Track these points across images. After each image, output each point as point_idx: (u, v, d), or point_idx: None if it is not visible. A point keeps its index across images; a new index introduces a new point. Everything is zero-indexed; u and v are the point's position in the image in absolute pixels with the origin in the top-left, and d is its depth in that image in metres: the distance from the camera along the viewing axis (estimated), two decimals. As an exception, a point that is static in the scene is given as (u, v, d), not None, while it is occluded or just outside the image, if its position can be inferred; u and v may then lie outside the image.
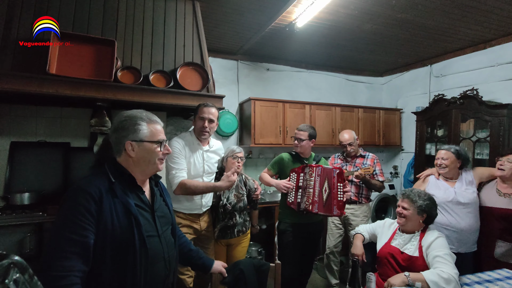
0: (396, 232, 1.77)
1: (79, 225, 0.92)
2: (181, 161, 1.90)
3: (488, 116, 2.94)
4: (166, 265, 1.12)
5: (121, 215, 1.00)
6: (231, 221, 2.15)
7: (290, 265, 2.18)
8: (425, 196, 1.72)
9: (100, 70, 1.97)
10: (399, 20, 2.73)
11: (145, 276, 1.02)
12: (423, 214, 1.67)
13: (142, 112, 1.13)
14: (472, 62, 3.45)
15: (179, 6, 2.42)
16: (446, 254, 1.50)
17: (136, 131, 1.08)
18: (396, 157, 4.56)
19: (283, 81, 4.11)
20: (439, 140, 3.51)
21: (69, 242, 0.91)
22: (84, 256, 0.92)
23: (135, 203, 1.06)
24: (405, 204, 1.71)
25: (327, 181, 2.07)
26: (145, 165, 1.10)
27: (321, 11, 2.52)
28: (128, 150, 1.07)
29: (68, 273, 0.88)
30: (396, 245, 1.71)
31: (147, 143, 1.09)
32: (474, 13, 2.59)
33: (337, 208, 2.06)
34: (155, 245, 1.07)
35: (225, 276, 1.41)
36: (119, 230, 0.98)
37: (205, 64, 2.38)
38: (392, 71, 4.56)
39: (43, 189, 2.52)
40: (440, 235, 1.63)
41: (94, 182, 1.01)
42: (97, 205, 0.96)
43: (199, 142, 2.02)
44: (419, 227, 1.69)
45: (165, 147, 1.14)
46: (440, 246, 1.56)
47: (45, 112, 2.60)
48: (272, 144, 3.56)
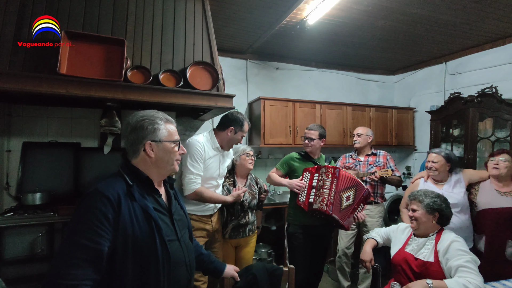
0: (411, 237, 1.68)
1: (94, 231, 0.88)
2: (200, 165, 1.88)
3: (508, 115, 2.83)
4: (187, 270, 1.09)
5: (141, 219, 0.97)
6: (244, 219, 2.15)
7: (301, 269, 2.12)
8: (433, 194, 1.65)
9: (110, 70, 1.95)
10: (414, 15, 2.64)
11: (168, 281, 0.99)
12: (435, 213, 1.59)
13: (158, 112, 1.11)
14: (490, 58, 3.32)
15: (189, 5, 2.39)
16: (468, 262, 1.39)
17: (156, 131, 1.06)
18: (409, 157, 4.44)
19: (293, 80, 4.05)
20: (455, 140, 3.40)
21: (82, 249, 0.86)
22: (97, 264, 0.88)
23: (154, 207, 1.02)
24: (414, 206, 1.65)
25: (355, 192, 2.03)
26: (163, 166, 1.09)
27: (333, 7, 2.46)
28: (148, 150, 1.04)
29: (77, 282, 0.84)
30: (410, 251, 1.62)
31: (166, 143, 1.07)
32: (493, 8, 2.48)
33: (349, 222, 2.05)
34: (176, 249, 1.05)
35: (237, 281, 1.36)
36: (139, 235, 0.95)
37: (215, 63, 2.34)
38: (405, 69, 4.45)
39: (54, 189, 2.53)
40: (456, 239, 1.52)
41: (113, 185, 0.97)
42: (115, 210, 0.92)
43: (218, 146, 2.02)
44: (433, 229, 1.61)
45: (181, 147, 1.14)
46: (458, 252, 1.45)
47: (56, 112, 2.61)
48: (282, 144, 3.51)
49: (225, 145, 2.04)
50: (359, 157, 2.80)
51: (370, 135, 2.80)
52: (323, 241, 2.28)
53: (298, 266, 2.10)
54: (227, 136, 2.01)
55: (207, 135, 2.04)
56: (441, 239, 1.55)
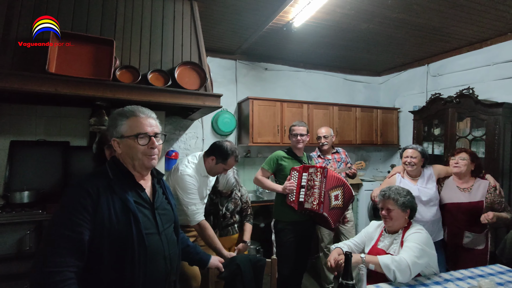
0: (382, 234, 1.75)
1: (74, 222, 0.93)
2: (196, 195, 1.87)
3: (484, 115, 2.97)
4: (166, 263, 1.11)
5: (119, 211, 1.01)
6: (231, 220, 2.20)
7: (288, 263, 2.21)
8: (404, 192, 1.71)
9: (99, 69, 1.99)
10: (395, 19, 2.76)
11: (144, 273, 1.02)
12: (407, 210, 1.67)
13: (129, 107, 1.12)
14: (468, 61, 3.48)
15: (177, 6, 2.44)
16: (413, 246, 1.51)
17: (117, 127, 1.08)
18: (393, 156, 4.58)
19: (281, 80, 4.14)
20: (436, 139, 3.54)
21: (64, 239, 0.92)
22: (79, 251, 0.93)
23: (134, 200, 1.06)
24: (389, 205, 1.68)
25: (344, 195, 2.11)
26: (131, 161, 1.09)
27: (318, 10, 2.55)
28: (115, 147, 1.09)
29: (62, 269, 0.89)
30: (382, 247, 1.69)
31: (126, 139, 1.07)
32: (469, 13, 2.61)
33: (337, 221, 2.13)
34: (154, 242, 1.07)
35: (222, 271, 1.43)
36: (116, 227, 0.98)
37: (203, 64, 2.40)
38: (390, 71, 4.59)
39: (42, 187, 2.54)
40: (418, 230, 1.62)
41: (92, 179, 1.02)
42: (94, 202, 0.97)
43: (206, 174, 1.99)
44: (404, 224, 1.69)
45: (150, 141, 1.08)
46: (413, 238, 1.57)
47: (44, 111, 2.62)
48: (270, 143, 3.58)
49: (209, 172, 2.00)
50: (327, 156, 2.92)
51: (333, 134, 2.99)
52: (308, 236, 2.36)
53: (285, 260, 2.20)
54: (209, 164, 1.95)
55: (196, 163, 1.97)
56: (408, 232, 1.64)
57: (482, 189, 2.10)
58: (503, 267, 1.73)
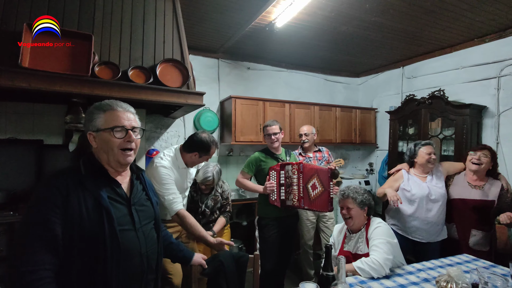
0: (346, 236, 1.81)
1: (46, 218, 0.92)
2: (173, 186, 1.83)
3: (453, 115, 3.16)
4: (143, 261, 1.07)
5: (90, 208, 0.98)
6: (212, 217, 2.20)
7: (272, 258, 2.25)
8: (361, 190, 1.79)
9: (77, 64, 1.92)
10: (373, 23, 2.87)
11: (117, 271, 0.99)
12: (365, 208, 1.75)
13: (107, 101, 1.10)
14: (439, 64, 3.68)
15: (159, 2, 2.40)
16: (380, 243, 1.57)
17: (93, 121, 1.07)
18: (371, 154, 4.76)
19: (264, 80, 4.18)
20: (410, 138, 3.71)
21: (36, 237, 0.90)
22: (53, 249, 0.91)
23: (109, 196, 1.04)
24: (348, 204, 1.74)
25: (320, 180, 2.07)
26: (106, 155, 1.07)
27: (300, 12, 2.60)
28: (90, 140, 1.08)
29: (37, 267, 0.88)
30: (347, 249, 1.75)
31: (102, 132, 1.05)
32: (440, 19, 2.77)
33: (331, 204, 2.10)
34: (129, 238, 1.04)
35: (205, 268, 1.43)
36: (87, 223, 0.96)
37: (185, 61, 2.38)
38: (368, 72, 4.76)
39: (14, 188, 2.42)
40: (379, 224, 1.69)
41: (62, 176, 1.00)
42: (64, 198, 0.95)
43: (184, 165, 1.97)
44: (364, 221, 1.75)
45: (127, 134, 1.06)
46: (377, 234, 1.63)
47: (15, 108, 2.50)
48: (252, 141, 3.61)
49: (189, 165, 2.00)
50: (308, 154, 2.98)
51: (315, 132, 3.01)
52: (291, 230, 2.42)
53: (268, 256, 2.24)
54: (191, 159, 1.95)
55: (172, 156, 1.94)
56: (370, 227, 1.71)
57: (495, 189, 2.05)
58: (469, 257, 1.86)
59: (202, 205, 2.20)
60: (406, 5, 2.51)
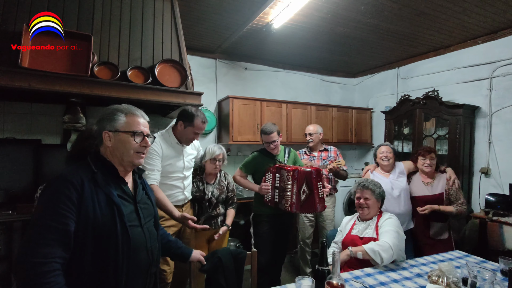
0: (355, 224, 1.94)
1: (60, 213, 0.94)
2: (155, 161, 1.88)
3: (447, 115, 3.22)
4: (148, 255, 1.14)
5: (103, 204, 1.02)
6: (215, 211, 2.24)
7: (265, 253, 2.29)
8: (377, 184, 1.95)
9: (76, 65, 1.94)
10: (368, 24, 2.92)
11: (127, 264, 1.04)
12: (380, 200, 1.91)
13: (126, 106, 1.17)
14: (433, 65, 3.74)
15: (157, 3, 2.43)
16: (390, 230, 1.72)
17: (113, 121, 1.11)
18: (367, 153, 4.82)
19: (261, 80, 4.21)
20: (405, 138, 3.78)
21: (50, 230, 0.92)
22: (65, 243, 0.94)
23: (118, 194, 1.08)
24: (367, 195, 1.89)
25: (306, 183, 2.09)
26: (120, 156, 1.12)
27: (296, 13, 2.64)
28: (105, 139, 1.11)
29: (48, 260, 0.90)
30: (356, 233, 1.87)
31: (121, 133, 1.11)
32: (434, 21, 2.83)
33: (320, 204, 2.14)
34: (137, 234, 1.09)
35: (204, 264, 1.46)
36: (101, 219, 1.00)
37: (184, 61, 2.41)
38: (364, 73, 4.82)
39: (12, 187, 2.43)
40: (391, 216, 1.85)
41: (77, 172, 1.03)
42: (78, 194, 0.98)
43: (177, 140, 2.03)
44: (376, 213, 1.90)
45: (144, 140, 1.15)
46: (388, 224, 1.78)
47: (12, 107, 2.51)
48: (250, 141, 3.64)
49: (182, 141, 2.04)
50: (313, 153, 3.01)
51: (320, 132, 3.01)
52: (286, 228, 2.45)
53: (263, 251, 2.27)
54: (179, 131, 2.00)
55: (164, 133, 2.04)
56: (381, 219, 1.86)
57: (441, 183, 2.32)
58: (461, 253, 1.92)
59: (209, 193, 2.23)
60: (400, 7, 2.56)
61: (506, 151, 3.02)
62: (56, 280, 0.90)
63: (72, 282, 0.96)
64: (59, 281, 0.91)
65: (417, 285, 1.44)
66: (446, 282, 1.36)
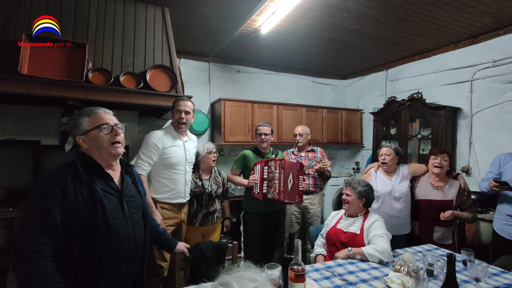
0: (342, 218, 2.06)
1: (47, 208, 1.08)
2: (151, 154, 2.06)
3: (430, 116, 3.35)
4: (130, 243, 1.24)
5: (86, 198, 1.14)
6: (212, 207, 2.39)
7: (255, 250, 2.42)
8: (363, 183, 2.02)
9: (72, 71, 2.08)
10: (352, 30, 3.05)
11: (109, 252, 1.16)
12: (363, 199, 1.97)
13: (86, 108, 1.27)
14: (419, 68, 3.87)
15: (149, 12, 2.57)
16: (383, 234, 1.81)
17: (79, 126, 1.23)
18: (357, 154, 4.94)
19: (254, 82, 4.35)
20: (392, 138, 3.90)
21: (39, 223, 1.07)
22: (53, 233, 1.08)
23: (102, 188, 1.20)
24: (348, 191, 2.00)
25: (292, 173, 2.32)
26: (98, 151, 1.23)
27: (282, 20, 2.78)
28: (80, 143, 1.24)
29: (39, 247, 1.05)
30: (340, 227, 1.99)
31: (90, 132, 1.22)
32: (413, 26, 2.96)
33: (299, 197, 2.37)
34: (119, 225, 1.21)
35: (187, 255, 1.60)
36: (83, 211, 1.12)
37: (174, 67, 2.54)
38: (355, 75, 4.95)
39: (13, 186, 2.56)
40: (379, 218, 1.94)
41: (61, 171, 1.16)
42: (62, 189, 1.11)
43: (178, 133, 2.20)
44: (360, 210, 1.99)
45: (112, 129, 1.24)
46: (378, 227, 1.87)
47: (13, 110, 2.64)
48: (241, 142, 3.78)
49: (174, 125, 2.22)
50: (300, 153, 3.15)
51: (309, 133, 3.14)
52: (274, 225, 2.59)
53: (252, 248, 2.42)
54: (173, 121, 2.21)
55: (166, 128, 2.23)
56: (368, 219, 1.95)
57: (453, 189, 2.23)
58: (432, 246, 2.05)
59: (208, 187, 2.39)
60: (381, 14, 2.69)
61: (485, 150, 3.15)
62: (47, 265, 1.05)
63: (61, 266, 1.10)
64: (50, 265, 1.06)
65: (383, 273, 1.57)
66: (407, 270, 1.50)
